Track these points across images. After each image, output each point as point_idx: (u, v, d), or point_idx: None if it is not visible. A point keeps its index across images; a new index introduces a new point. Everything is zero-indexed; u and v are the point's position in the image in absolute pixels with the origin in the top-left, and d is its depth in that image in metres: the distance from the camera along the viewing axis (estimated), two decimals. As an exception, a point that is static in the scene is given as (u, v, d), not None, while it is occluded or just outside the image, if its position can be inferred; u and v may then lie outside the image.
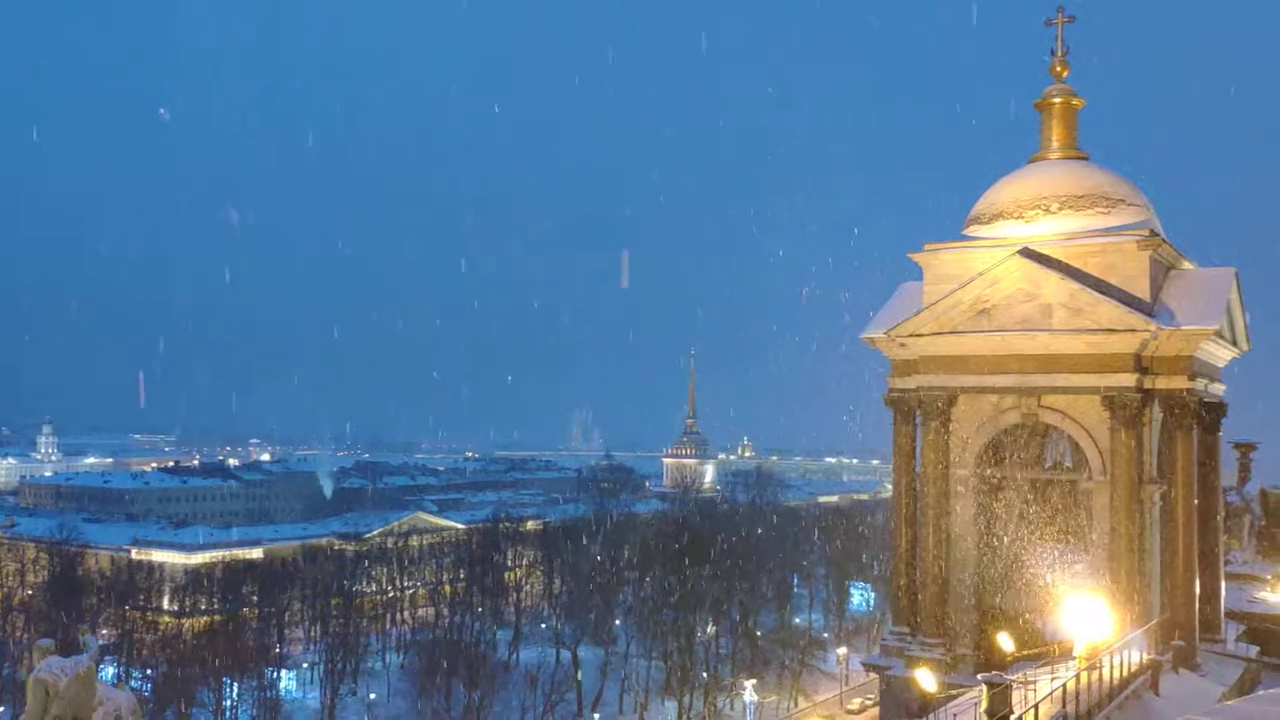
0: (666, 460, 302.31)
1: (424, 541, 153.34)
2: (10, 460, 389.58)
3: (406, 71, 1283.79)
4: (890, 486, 49.88)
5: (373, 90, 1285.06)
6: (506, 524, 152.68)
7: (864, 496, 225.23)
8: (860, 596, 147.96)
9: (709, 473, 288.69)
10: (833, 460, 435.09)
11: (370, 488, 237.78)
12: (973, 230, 40.69)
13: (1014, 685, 24.85)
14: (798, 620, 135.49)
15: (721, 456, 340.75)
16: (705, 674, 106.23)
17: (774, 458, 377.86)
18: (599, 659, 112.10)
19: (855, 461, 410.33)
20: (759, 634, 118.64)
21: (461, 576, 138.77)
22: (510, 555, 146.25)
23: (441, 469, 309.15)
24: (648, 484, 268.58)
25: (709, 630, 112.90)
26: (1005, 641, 31.85)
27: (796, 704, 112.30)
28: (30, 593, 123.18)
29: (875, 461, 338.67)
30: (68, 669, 15.23)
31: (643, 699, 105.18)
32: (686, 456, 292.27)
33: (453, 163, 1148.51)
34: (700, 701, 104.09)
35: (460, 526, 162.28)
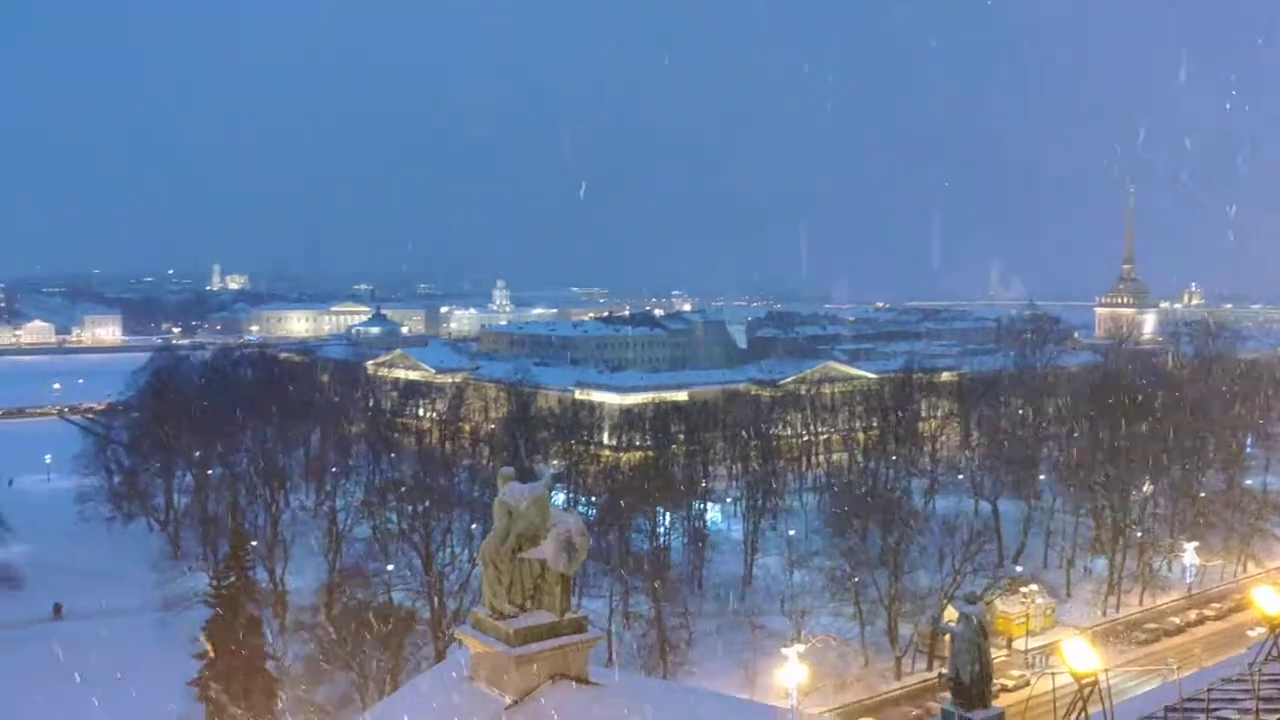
0: (1099, 309, 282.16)
1: (835, 389, 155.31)
2: (472, 311, 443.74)
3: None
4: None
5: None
6: (920, 374, 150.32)
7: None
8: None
9: (1149, 323, 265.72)
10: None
11: (782, 337, 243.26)
12: None
13: None
14: (1249, 483, 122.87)
15: (1163, 305, 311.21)
16: (1139, 533, 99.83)
17: (1226, 306, 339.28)
18: (1020, 512, 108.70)
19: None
20: (1202, 495, 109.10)
21: (874, 425, 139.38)
22: (924, 406, 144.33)
23: (851, 319, 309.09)
24: (1077, 335, 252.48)
25: (1145, 489, 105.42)
26: None
27: (1245, 569, 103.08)
28: (493, 426, 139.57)
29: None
30: (526, 494, 16.79)
31: (1069, 554, 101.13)
32: (1122, 305, 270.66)
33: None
34: (1133, 561, 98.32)
35: (872, 376, 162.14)
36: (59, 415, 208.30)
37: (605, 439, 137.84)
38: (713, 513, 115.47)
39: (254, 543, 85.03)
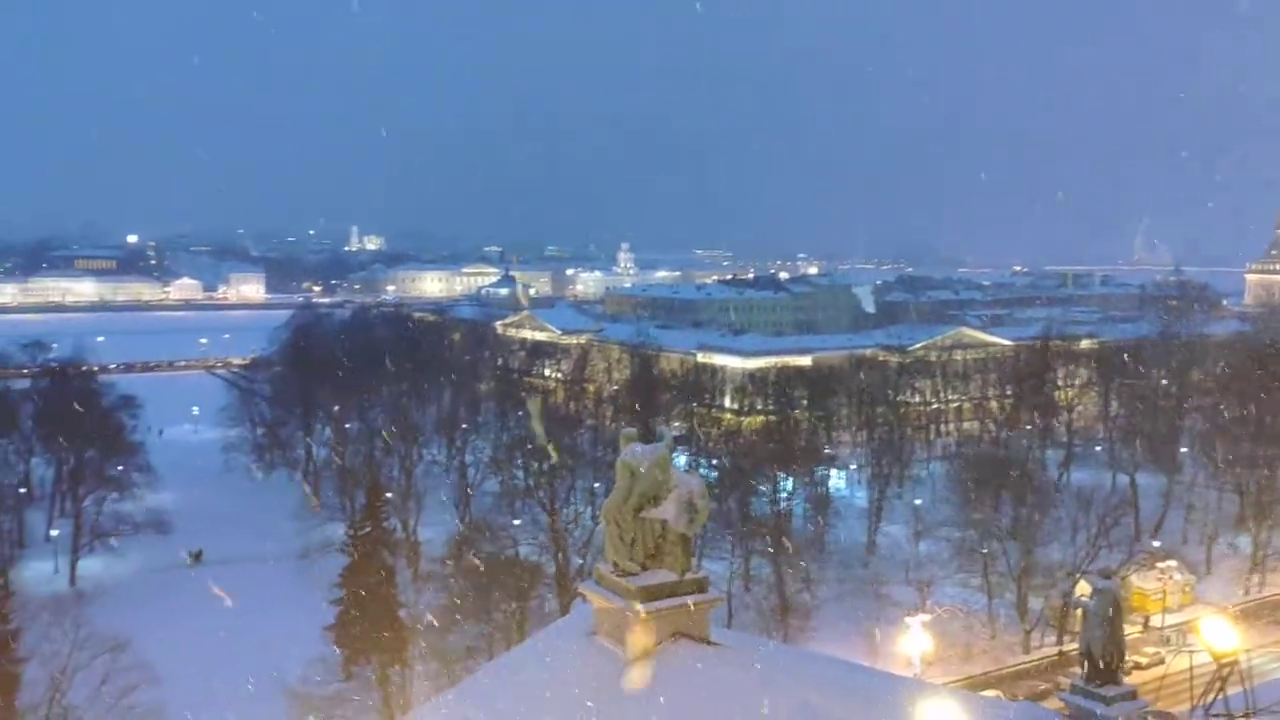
0: (1250, 276, 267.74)
1: (968, 356, 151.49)
2: (597, 274, 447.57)
3: None
4: None
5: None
6: (1058, 342, 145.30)
7: None
8: None
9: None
10: None
11: (912, 301, 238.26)
12: None
13: None
14: None
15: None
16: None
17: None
18: (1160, 486, 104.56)
19: None
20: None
21: (1008, 393, 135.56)
22: (1061, 374, 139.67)
23: (986, 284, 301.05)
24: (1225, 302, 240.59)
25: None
26: None
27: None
28: (616, 388, 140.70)
29: None
30: (648, 454, 16.96)
31: (1210, 530, 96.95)
32: (1274, 272, 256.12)
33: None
34: (1279, 537, 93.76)
35: (1007, 343, 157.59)
36: (206, 369, 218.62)
37: (727, 402, 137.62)
38: (836, 479, 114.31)
39: (389, 495, 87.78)
